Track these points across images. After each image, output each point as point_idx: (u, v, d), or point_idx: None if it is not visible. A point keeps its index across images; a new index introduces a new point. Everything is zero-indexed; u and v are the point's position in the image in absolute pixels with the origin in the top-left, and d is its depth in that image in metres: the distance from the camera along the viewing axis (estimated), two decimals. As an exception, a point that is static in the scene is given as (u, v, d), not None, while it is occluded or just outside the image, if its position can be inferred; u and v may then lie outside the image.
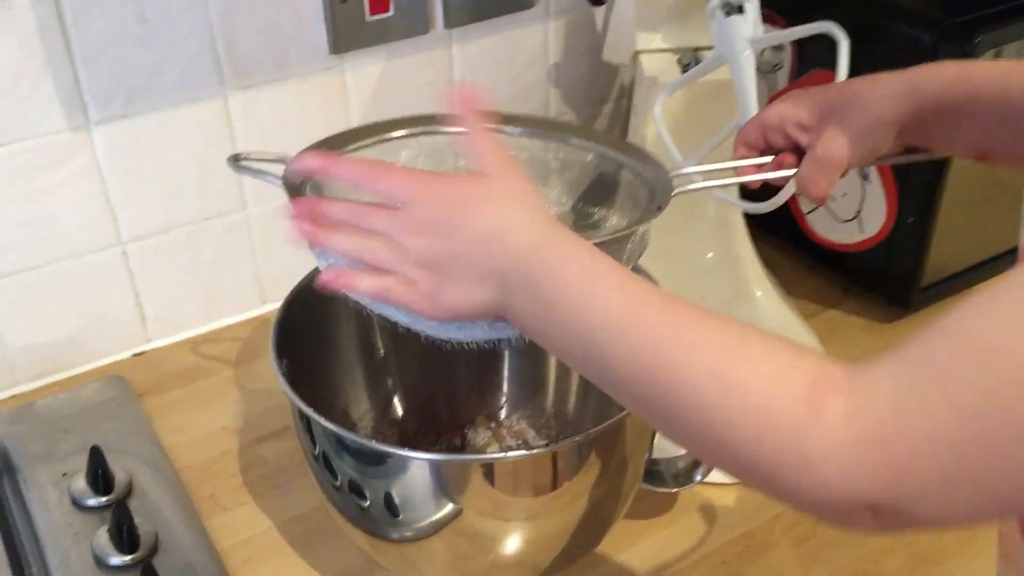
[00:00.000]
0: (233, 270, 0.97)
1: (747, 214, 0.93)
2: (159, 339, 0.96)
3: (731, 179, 0.69)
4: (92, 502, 0.74)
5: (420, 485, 0.60)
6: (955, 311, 0.39)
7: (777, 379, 0.41)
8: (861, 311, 1.00)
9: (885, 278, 0.97)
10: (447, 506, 0.60)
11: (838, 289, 1.02)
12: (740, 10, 0.73)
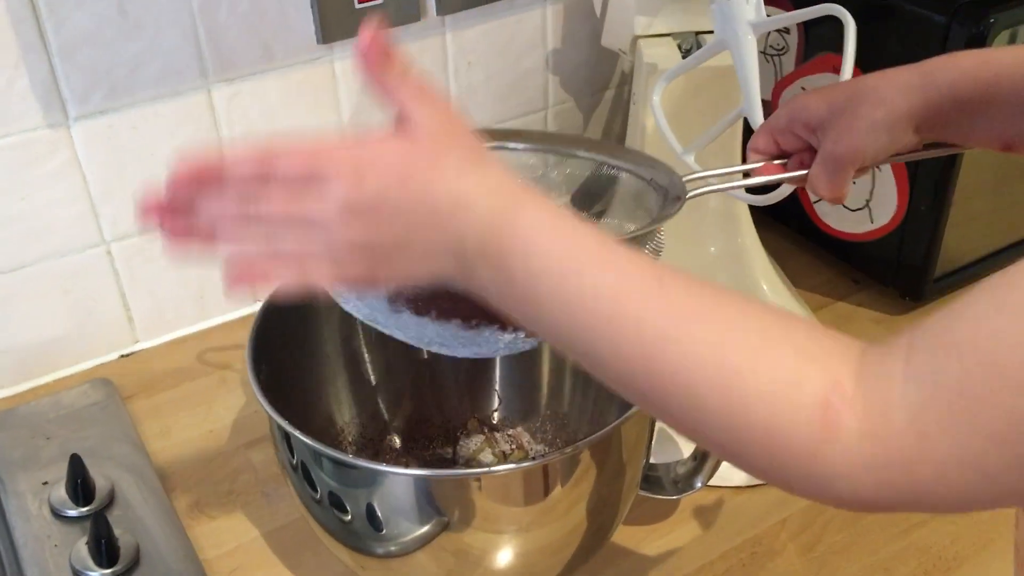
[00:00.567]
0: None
1: (751, 205, 0.90)
2: (147, 340, 0.93)
3: (745, 181, 0.65)
4: (72, 512, 0.72)
5: (404, 499, 0.57)
6: (967, 317, 0.37)
7: (784, 395, 0.38)
8: (871, 303, 0.96)
9: (896, 269, 0.94)
10: (433, 520, 0.57)
11: (847, 280, 0.99)
12: (742, -8, 0.70)
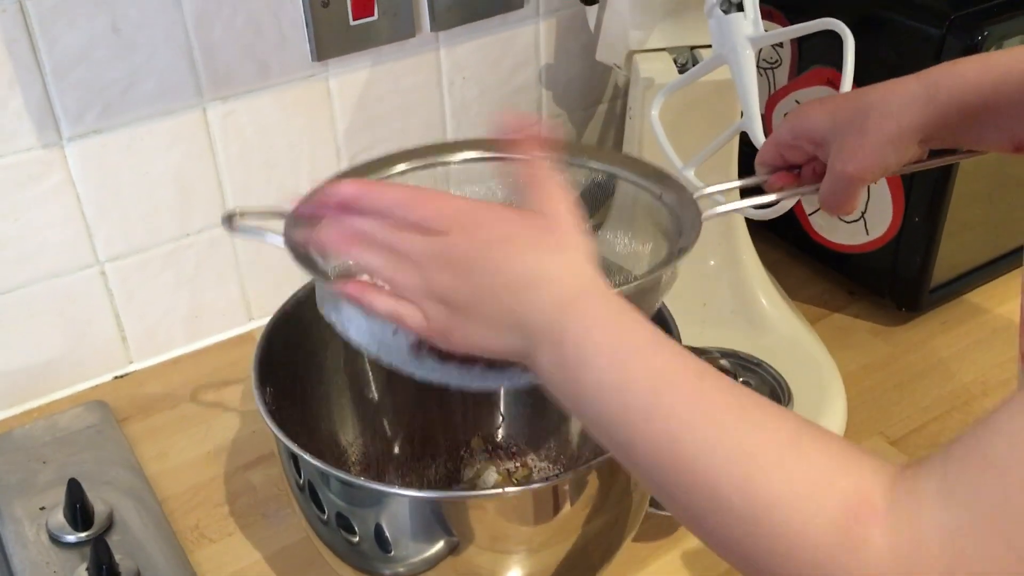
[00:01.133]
0: (217, 287, 0.93)
1: (748, 218, 0.90)
2: (142, 361, 0.92)
3: (757, 199, 0.65)
4: (71, 538, 0.71)
5: (414, 520, 0.56)
6: (1002, 431, 0.36)
7: (810, 499, 0.37)
8: (868, 314, 0.97)
9: (892, 280, 0.94)
10: (442, 540, 0.57)
11: (843, 292, 0.99)
12: (739, 7, 0.70)
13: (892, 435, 0.83)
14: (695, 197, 0.59)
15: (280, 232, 0.55)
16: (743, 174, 0.69)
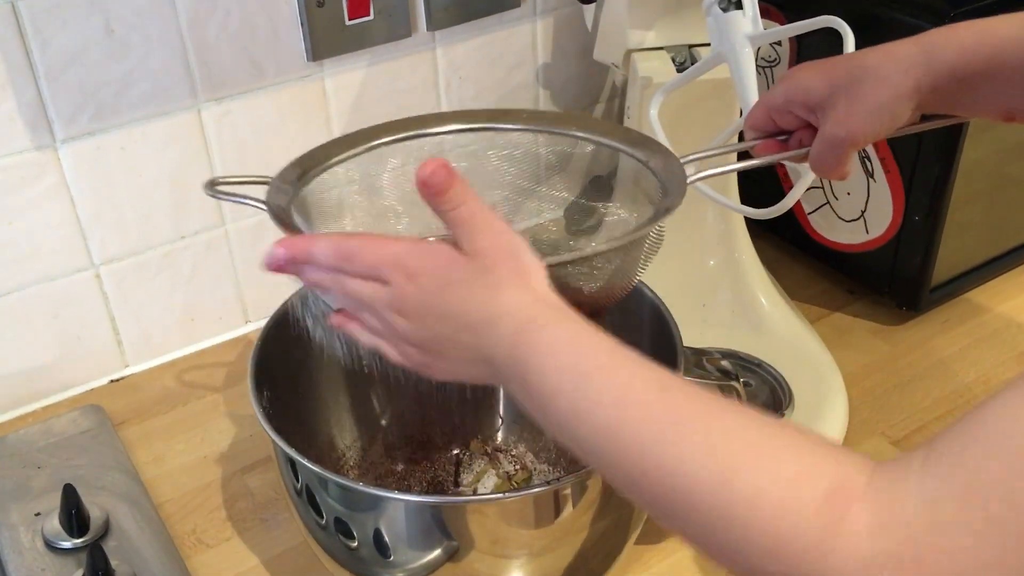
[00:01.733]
0: (213, 289, 0.93)
1: (748, 218, 0.90)
2: (137, 364, 0.91)
3: (746, 163, 0.64)
4: (66, 544, 0.70)
5: (413, 525, 0.56)
6: (988, 413, 0.36)
7: (789, 490, 0.37)
8: (868, 314, 0.96)
9: (892, 279, 0.94)
10: (442, 545, 0.56)
11: (843, 291, 0.99)
12: (738, 5, 0.70)
13: (893, 435, 0.82)
14: (683, 160, 0.58)
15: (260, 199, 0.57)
16: (743, 139, 0.68)
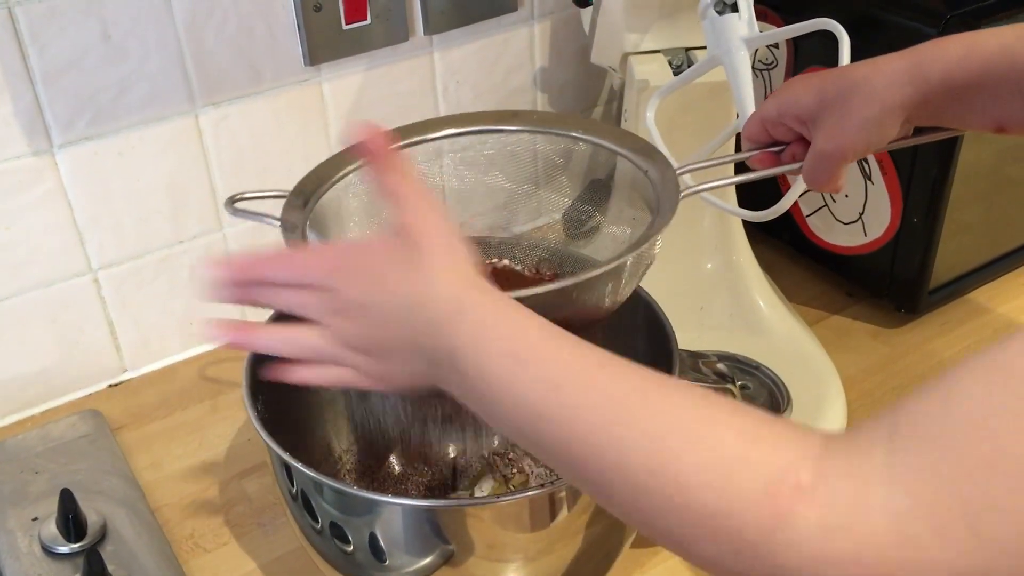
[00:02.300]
0: (211, 294, 0.93)
1: (745, 220, 0.89)
2: (135, 369, 0.91)
3: (742, 177, 0.64)
4: (64, 549, 0.70)
5: (408, 529, 0.56)
6: (957, 406, 0.33)
7: (726, 478, 0.36)
8: (867, 316, 0.96)
9: (891, 282, 0.94)
10: (438, 549, 0.56)
11: (841, 294, 0.99)
12: (734, 8, 0.69)
13: (892, 438, 0.82)
14: (679, 171, 0.58)
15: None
16: (739, 148, 0.68)
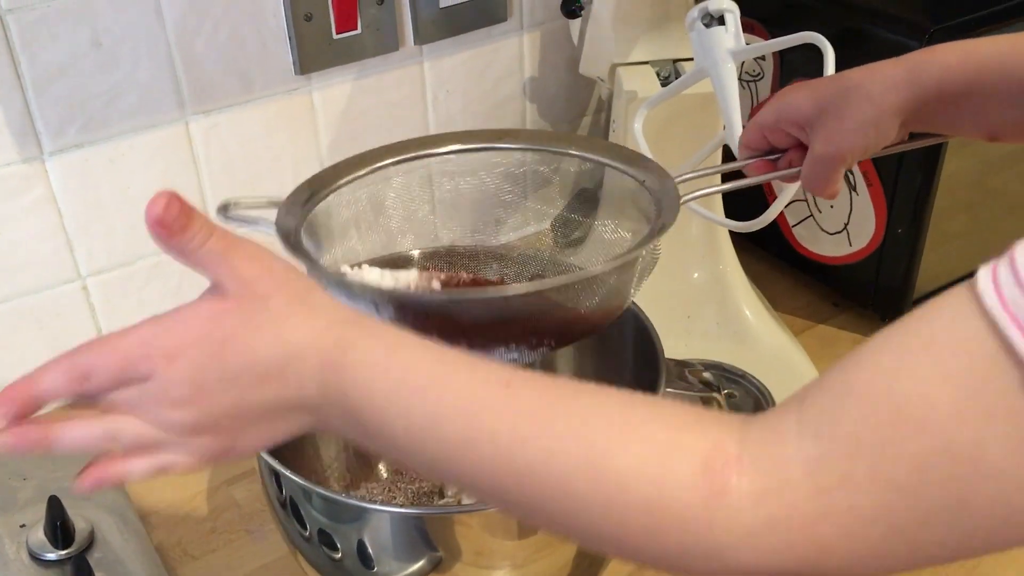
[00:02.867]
0: (200, 301, 0.93)
1: (732, 230, 0.90)
2: (124, 376, 0.91)
3: (739, 183, 0.65)
4: (51, 556, 0.70)
5: (397, 536, 0.56)
6: (861, 365, 0.35)
7: (661, 467, 0.36)
8: (852, 326, 0.97)
9: (876, 291, 0.95)
10: (426, 556, 0.56)
11: (827, 304, 1.00)
12: (721, 21, 0.70)
13: (876, 446, 0.83)
14: (677, 180, 0.59)
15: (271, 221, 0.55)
16: (726, 159, 0.69)
